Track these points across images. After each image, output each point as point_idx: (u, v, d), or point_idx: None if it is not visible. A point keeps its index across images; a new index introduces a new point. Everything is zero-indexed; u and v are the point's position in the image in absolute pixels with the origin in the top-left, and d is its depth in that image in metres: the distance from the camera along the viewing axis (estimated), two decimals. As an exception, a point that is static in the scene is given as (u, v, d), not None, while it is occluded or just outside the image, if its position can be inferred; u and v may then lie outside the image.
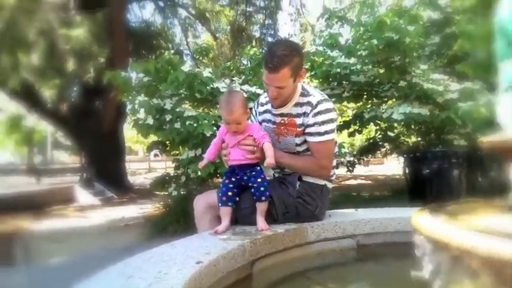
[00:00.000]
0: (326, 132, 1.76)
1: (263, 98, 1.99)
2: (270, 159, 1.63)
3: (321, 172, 1.84)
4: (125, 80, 3.65)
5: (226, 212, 1.70)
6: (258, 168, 1.74)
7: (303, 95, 1.80)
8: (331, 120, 1.78)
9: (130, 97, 3.57)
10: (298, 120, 1.79)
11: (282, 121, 1.83)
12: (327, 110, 1.76)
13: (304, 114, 1.77)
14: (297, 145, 1.83)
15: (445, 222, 0.97)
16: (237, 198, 1.74)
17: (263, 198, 1.70)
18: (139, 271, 1.15)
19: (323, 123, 1.75)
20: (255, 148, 1.71)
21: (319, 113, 1.75)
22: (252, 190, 1.72)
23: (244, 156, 1.70)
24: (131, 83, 3.71)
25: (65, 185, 9.02)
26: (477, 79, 4.34)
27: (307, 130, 1.78)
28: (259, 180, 1.71)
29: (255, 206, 1.71)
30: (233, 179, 1.74)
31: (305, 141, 1.81)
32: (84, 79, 10.54)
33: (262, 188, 1.70)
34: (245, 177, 1.72)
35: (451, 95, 3.97)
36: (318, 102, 1.76)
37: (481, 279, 0.85)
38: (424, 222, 1.00)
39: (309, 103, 1.77)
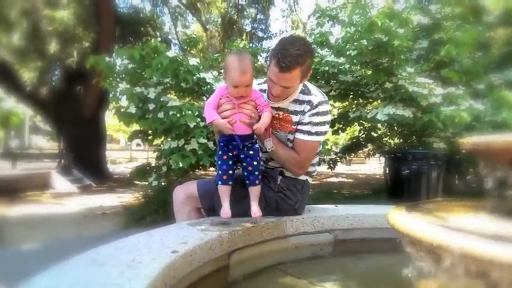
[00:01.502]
0: (316, 134, 1.74)
1: (256, 86, 1.86)
2: (259, 125, 1.59)
3: (297, 170, 1.80)
4: (109, 66, 3.56)
5: (227, 192, 1.63)
6: (256, 146, 1.68)
7: (303, 92, 1.74)
8: (325, 123, 1.76)
9: (112, 84, 3.49)
10: (295, 118, 1.73)
11: (277, 115, 1.75)
12: (325, 113, 1.74)
13: (302, 112, 1.73)
14: (290, 141, 1.78)
15: (419, 219, 0.98)
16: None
17: (257, 182, 1.65)
18: (112, 259, 1.11)
19: (317, 124, 1.72)
20: (253, 114, 1.62)
21: (317, 113, 1.72)
22: (245, 173, 1.64)
23: (240, 119, 1.59)
24: (115, 69, 3.62)
25: (42, 171, 8.79)
26: (461, 85, 4.44)
27: (299, 127, 1.74)
28: (255, 163, 1.64)
29: (233, 200, 1.69)
30: (230, 154, 1.64)
31: None
32: (66, 63, 10.29)
33: (256, 172, 1.64)
34: (242, 155, 1.63)
35: (435, 99, 4.04)
36: (319, 103, 1.72)
37: (452, 273, 0.86)
38: (400, 218, 1.01)
39: (309, 102, 1.72)
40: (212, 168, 4.05)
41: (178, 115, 3.17)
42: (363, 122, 4.86)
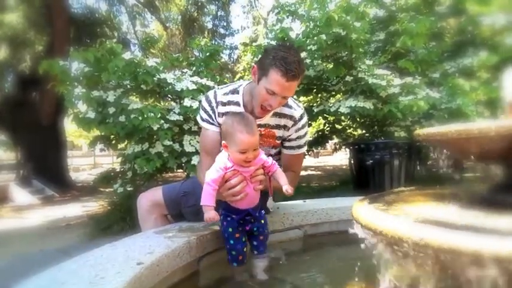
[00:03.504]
0: (304, 144, 1.77)
1: (222, 96, 1.66)
2: (289, 188, 1.42)
3: (294, 184, 1.82)
4: (63, 70, 3.39)
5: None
6: (263, 212, 1.56)
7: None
8: (307, 132, 1.80)
9: (68, 88, 3.33)
10: (278, 132, 1.69)
11: (258, 131, 1.65)
12: (306, 123, 1.76)
13: (285, 127, 1.69)
14: (272, 155, 1.74)
15: (381, 212, 1.00)
16: None
17: (266, 252, 1.52)
18: (73, 276, 1.06)
19: (304, 136, 1.75)
20: (263, 177, 1.47)
21: (303, 126, 1.72)
22: (255, 243, 1.50)
23: (255, 188, 1.43)
24: (70, 73, 3.46)
25: (0, 184, 8.32)
26: (417, 74, 4.62)
27: (288, 144, 1.73)
28: (266, 231, 1.53)
29: (200, 205, 1.66)
30: (240, 229, 1.47)
31: (279, 152, 1.76)
32: (19, 68, 9.76)
33: (266, 242, 1.54)
34: (255, 228, 1.50)
35: (393, 90, 4.18)
36: (301, 116, 1.71)
37: (416, 265, 0.89)
38: (363, 212, 1.03)
39: (291, 117, 1.68)
40: (180, 170, 3.98)
41: (140, 118, 3.08)
42: (327, 116, 4.94)
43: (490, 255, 0.71)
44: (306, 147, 1.81)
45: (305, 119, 1.75)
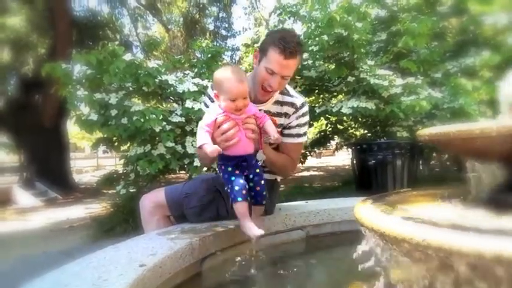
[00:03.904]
0: (304, 134, 1.78)
1: None
2: (277, 134, 1.47)
3: (290, 172, 1.84)
4: (66, 73, 3.41)
5: (247, 208, 1.44)
6: (258, 163, 1.57)
7: (282, 93, 1.72)
8: (308, 122, 1.81)
9: (71, 91, 3.35)
10: (279, 120, 1.71)
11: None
12: (307, 112, 1.77)
13: (286, 115, 1.71)
14: (271, 144, 1.74)
15: (384, 212, 1.00)
16: None
17: (264, 202, 1.55)
18: (76, 278, 1.07)
19: (304, 125, 1.76)
20: (256, 128, 1.49)
21: (303, 115, 1.74)
22: (253, 193, 1.51)
23: (247, 135, 1.45)
24: (72, 75, 3.48)
25: (3, 186, 8.36)
26: (419, 74, 4.61)
27: (287, 131, 1.74)
28: (262, 182, 1.53)
29: (202, 206, 1.66)
30: (239, 173, 1.48)
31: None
32: (22, 71, 9.82)
33: (264, 192, 1.54)
34: (251, 175, 1.50)
35: (395, 90, 4.17)
36: (303, 105, 1.73)
37: (418, 267, 0.89)
38: (365, 213, 1.03)
39: (292, 104, 1.71)
40: (182, 172, 3.98)
41: (142, 120, 3.09)
42: (329, 116, 4.94)
43: (493, 255, 0.71)
44: (305, 138, 1.81)
45: (306, 107, 1.75)
